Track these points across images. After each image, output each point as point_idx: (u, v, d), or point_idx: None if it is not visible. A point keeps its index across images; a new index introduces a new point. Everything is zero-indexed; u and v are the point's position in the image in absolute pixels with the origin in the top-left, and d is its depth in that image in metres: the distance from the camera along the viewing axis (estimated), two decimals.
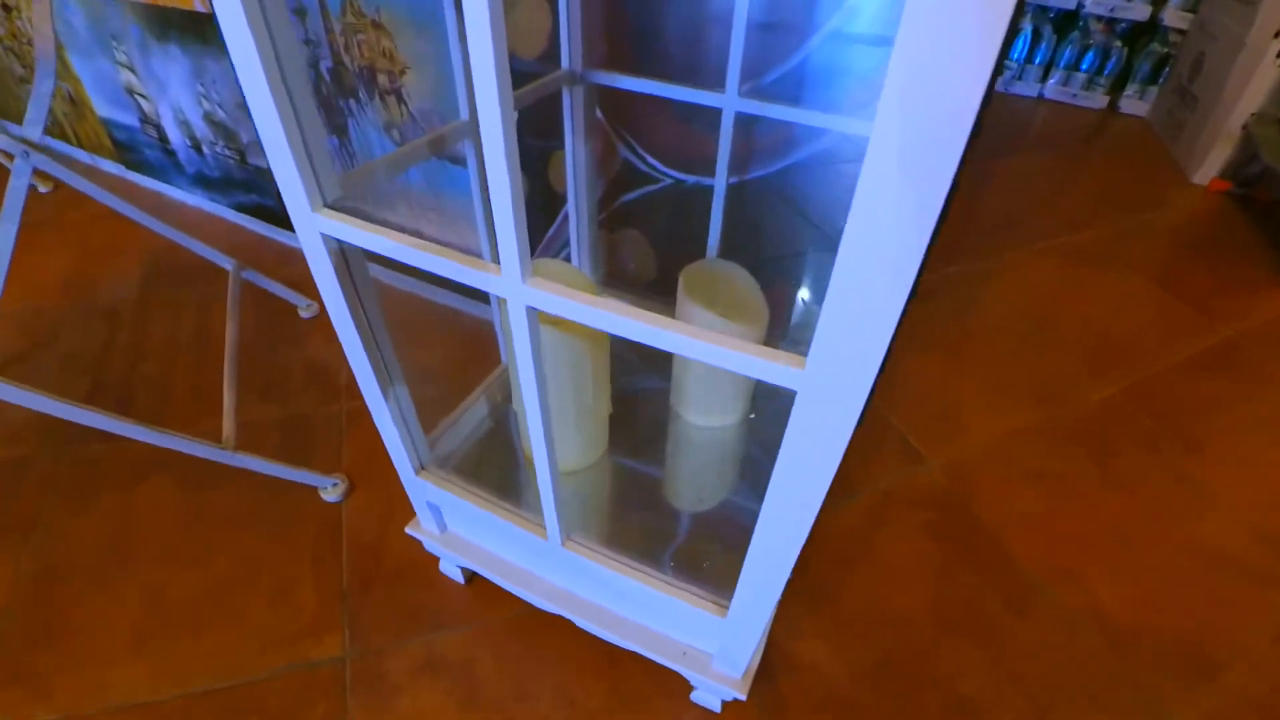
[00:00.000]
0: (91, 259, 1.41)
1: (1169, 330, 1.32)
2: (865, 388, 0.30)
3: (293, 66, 0.37)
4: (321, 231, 0.41)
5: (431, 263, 0.38)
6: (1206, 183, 1.97)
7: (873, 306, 0.27)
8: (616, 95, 0.67)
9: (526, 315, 0.37)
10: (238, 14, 0.33)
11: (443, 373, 1.05)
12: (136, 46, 1.21)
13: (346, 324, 0.48)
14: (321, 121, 0.38)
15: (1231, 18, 1.90)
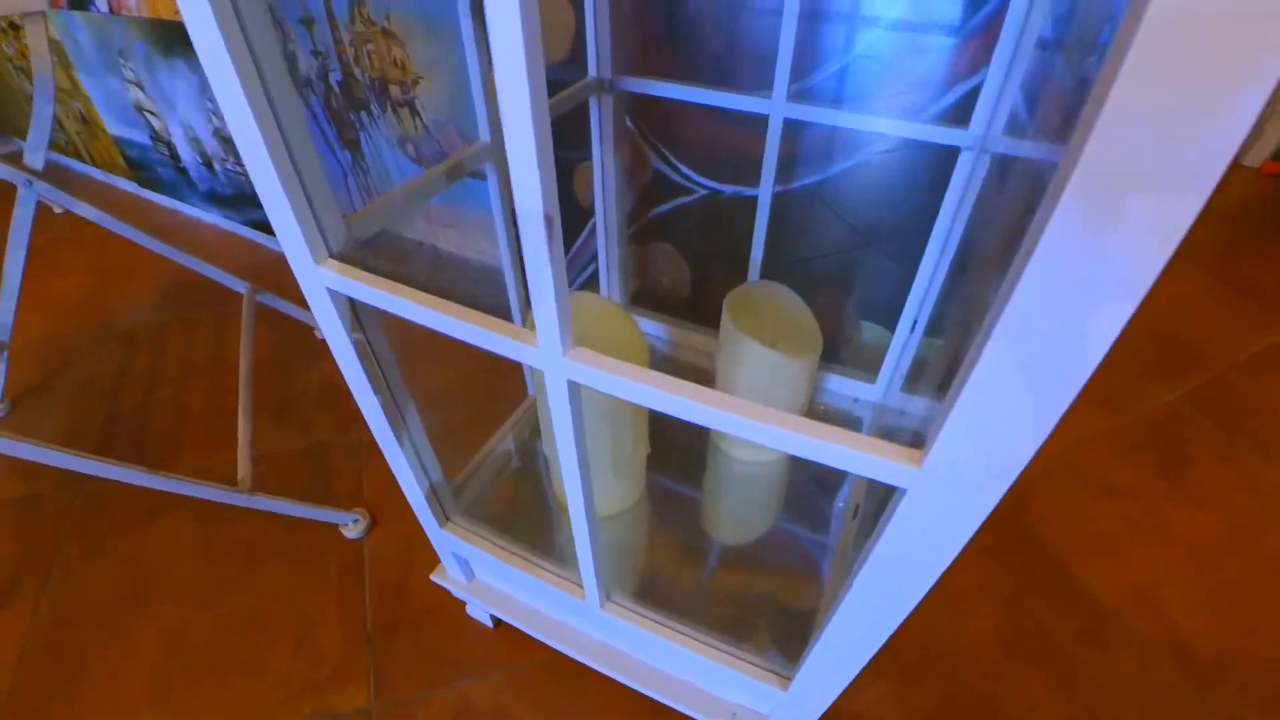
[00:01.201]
0: (107, 280, 1.39)
1: (1232, 326, 1.25)
2: (1003, 487, 0.24)
3: (288, 106, 0.32)
4: (327, 286, 0.36)
5: (456, 328, 0.32)
6: (1259, 164, 1.88)
7: (1034, 390, 0.21)
8: (648, 100, 0.61)
9: (568, 390, 0.31)
10: (223, 56, 0.28)
11: (465, 404, 1.01)
12: (143, 63, 1.17)
13: (360, 380, 0.43)
14: (320, 164, 0.33)
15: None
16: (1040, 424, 0.21)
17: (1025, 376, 0.21)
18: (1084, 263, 0.18)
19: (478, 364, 1.09)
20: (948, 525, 0.26)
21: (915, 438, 0.26)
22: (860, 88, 0.57)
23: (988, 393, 0.22)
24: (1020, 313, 0.19)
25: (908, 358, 0.65)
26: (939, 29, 0.53)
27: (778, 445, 0.27)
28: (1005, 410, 0.21)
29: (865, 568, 0.30)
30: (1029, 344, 0.20)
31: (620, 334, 0.54)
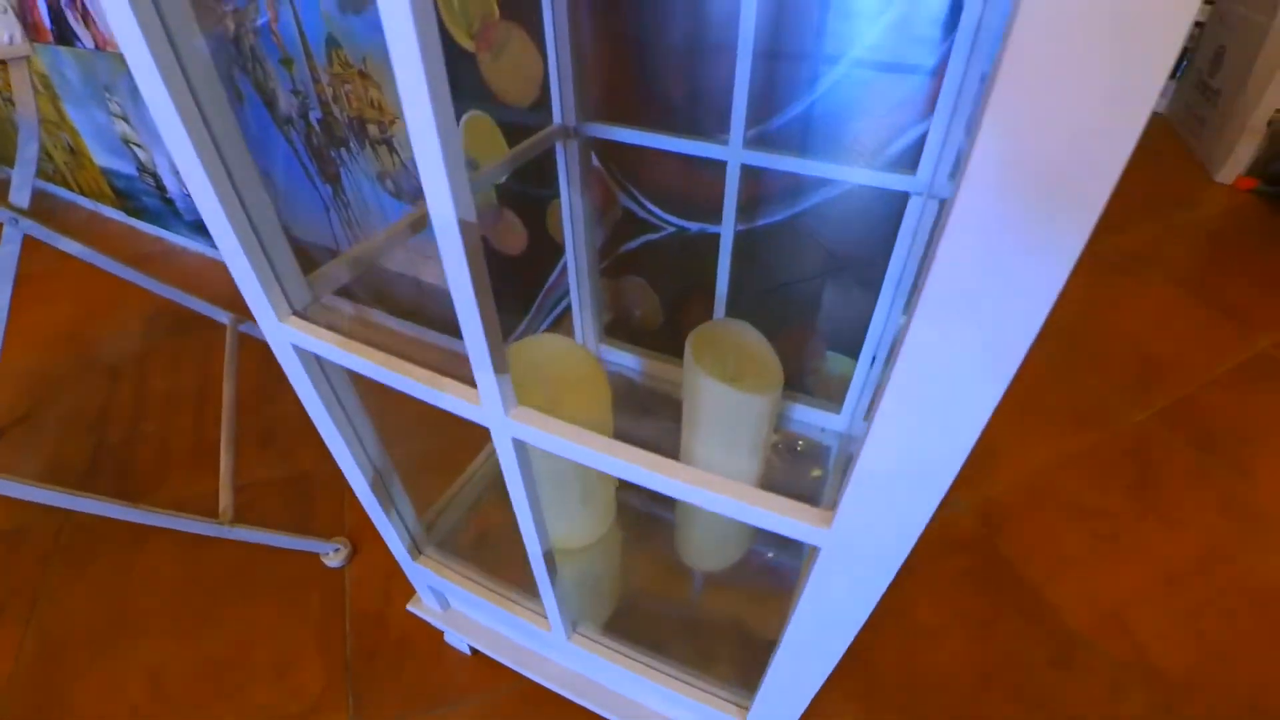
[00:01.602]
0: (93, 310, 1.40)
1: (1207, 343, 1.27)
2: (906, 548, 0.26)
3: (243, 171, 0.34)
4: (292, 344, 0.38)
5: (410, 386, 0.34)
6: (1232, 181, 1.91)
7: (922, 463, 0.23)
8: (614, 142, 0.63)
9: (513, 447, 0.33)
10: (175, 121, 0.30)
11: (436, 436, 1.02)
12: (129, 97, 1.19)
13: (328, 426, 0.44)
14: (282, 232, 0.35)
15: (1252, 9, 1.83)
16: (934, 488, 0.23)
17: (912, 447, 0.22)
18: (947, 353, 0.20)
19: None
20: (862, 576, 0.28)
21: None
22: (814, 133, 0.59)
23: (882, 460, 0.23)
24: (898, 394, 0.21)
25: (870, 388, 0.67)
26: (888, 77, 0.55)
27: (705, 504, 0.29)
28: (901, 476, 0.23)
29: (795, 613, 0.32)
30: (912, 423, 0.22)
31: (582, 375, 0.56)
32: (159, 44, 0.28)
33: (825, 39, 0.54)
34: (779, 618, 0.37)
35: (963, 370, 0.20)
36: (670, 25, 0.59)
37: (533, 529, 0.39)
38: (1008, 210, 0.16)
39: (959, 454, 0.22)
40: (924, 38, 0.52)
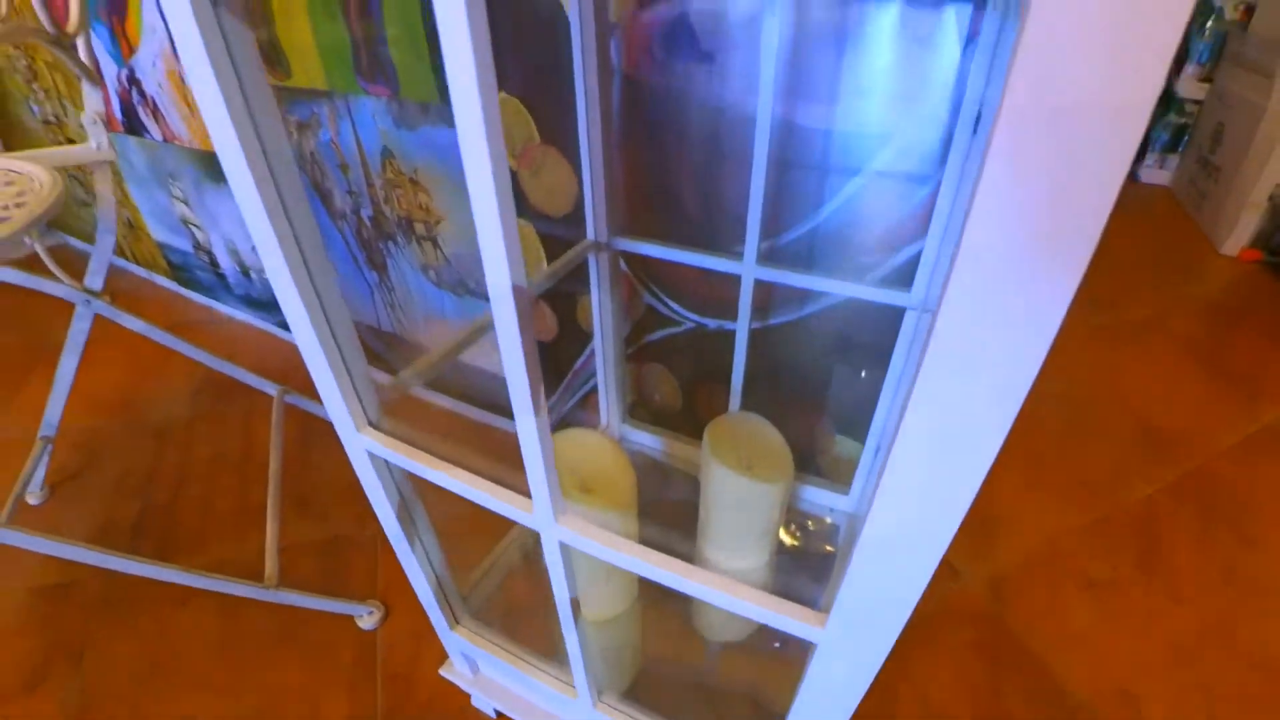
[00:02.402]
0: (143, 374, 1.48)
1: (1214, 415, 1.30)
2: (887, 646, 0.31)
3: (336, 311, 0.41)
4: (367, 450, 0.44)
5: (470, 493, 0.40)
6: (1236, 253, 1.95)
7: (899, 575, 0.28)
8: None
9: (560, 550, 0.39)
10: (285, 275, 0.37)
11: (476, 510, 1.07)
12: (192, 185, 1.29)
13: (389, 517, 0.50)
14: (362, 354, 0.41)
15: (1249, 89, 1.91)
16: (912, 588, 0.28)
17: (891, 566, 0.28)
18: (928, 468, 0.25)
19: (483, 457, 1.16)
20: (857, 661, 0.33)
21: None
22: (820, 248, 0.66)
23: (868, 577, 0.29)
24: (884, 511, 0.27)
25: (875, 473, 0.73)
26: (884, 204, 0.62)
27: (720, 604, 0.35)
28: (883, 587, 0.29)
29: (798, 696, 0.37)
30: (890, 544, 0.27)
31: (610, 465, 0.62)
32: (255, 156, 0.34)
33: (829, 174, 0.61)
34: (791, 684, 0.42)
35: (939, 486, 0.25)
36: (691, 156, 0.67)
37: (569, 611, 0.45)
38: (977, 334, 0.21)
39: (932, 563, 0.27)
40: (915, 173, 0.59)
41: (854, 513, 0.78)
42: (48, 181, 0.73)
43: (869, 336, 0.69)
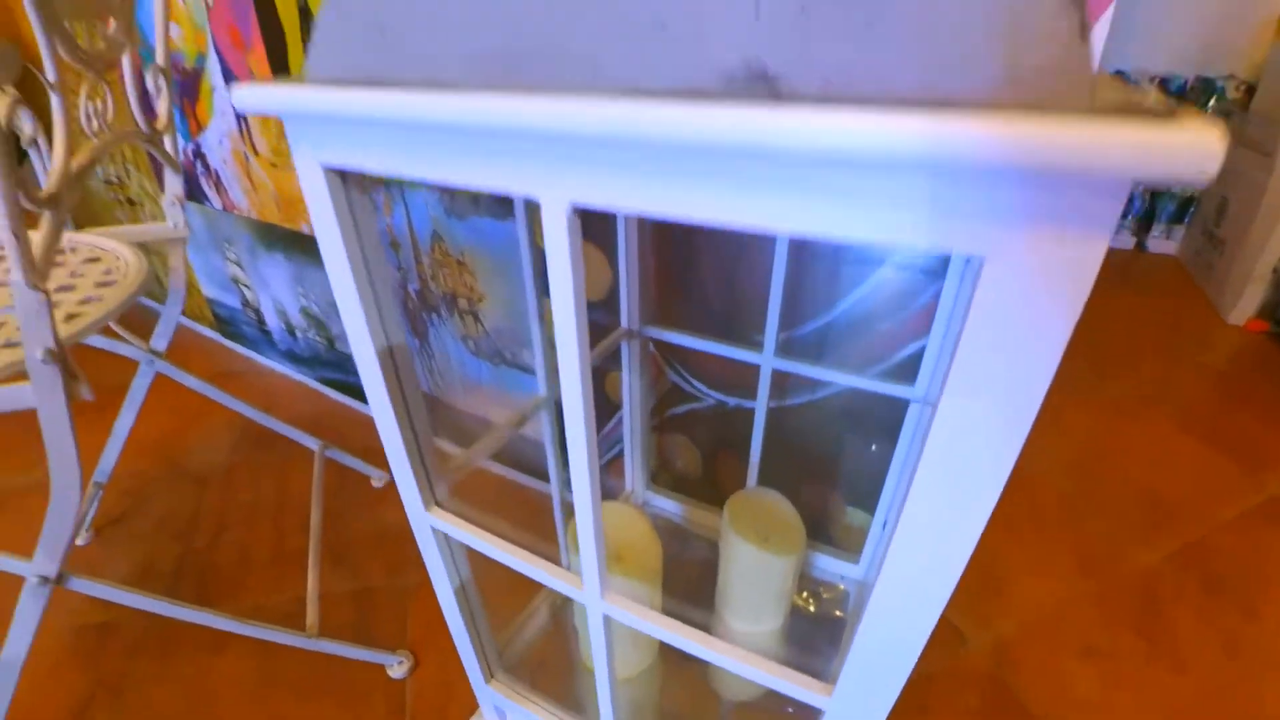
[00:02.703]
0: (186, 421, 1.56)
1: (1216, 486, 1.33)
2: (887, 708, 0.37)
3: (417, 407, 0.48)
4: (432, 526, 0.51)
5: (527, 569, 0.46)
6: (1243, 323, 1.99)
7: (899, 648, 0.33)
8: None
9: (604, 621, 0.45)
10: (379, 382, 0.44)
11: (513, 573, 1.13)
12: (246, 250, 1.39)
13: (444, 584, 0.57)
14: (433, 442, 0.48)
15: (1251, 166, 1.97)
16: (911, 653, 0.34)
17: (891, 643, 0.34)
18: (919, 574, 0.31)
19: (518, 517, 1.21)
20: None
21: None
22: (832, 341, 0.73)
23: (871, 649, 0.35)
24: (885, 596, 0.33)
25: (884, 543, 0.78)
26: (892, 304, 0.69)
27: (738, 672, 0.40)
28: (885, 650, 0.34)
29: None
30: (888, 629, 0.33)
31: (639, 538, 0.68)
32: (364, 287, 0.41)
33: (843, 274, 0.69)
34: None
35: (934, 563, 0.31)
36: (716, 255, 0.74)
37: (607, 674, 0.50)
38: (964, 446, 0.27)
39: (927, 630, 0.32)
40: (921, 277, 0.66)
41: (863, 580, 0.83)
42: (134, 263, 0.81)
43: (879, 418, 0.76)
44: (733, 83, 0.20)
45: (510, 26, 0.24)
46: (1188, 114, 0.15)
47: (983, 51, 0.17)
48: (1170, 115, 0.15)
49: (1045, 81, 0.16)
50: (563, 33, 0.23)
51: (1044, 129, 0.15)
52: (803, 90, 0.19)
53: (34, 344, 0.53)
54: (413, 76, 0.27)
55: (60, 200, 0.54)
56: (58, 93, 0.54)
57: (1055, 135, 0.15)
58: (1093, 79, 0.16)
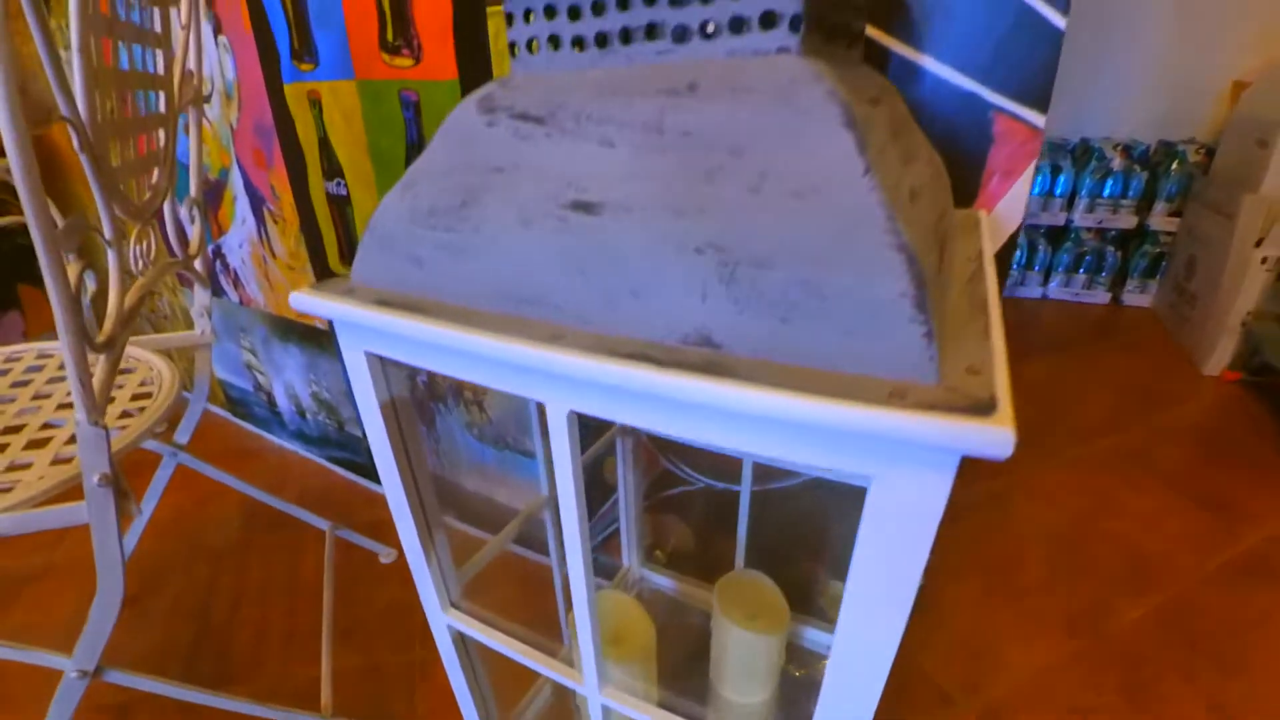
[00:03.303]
0: (198, 501, 1.60)
1: (1196, 540, 1.36)
2: None
3: (441, 537, 0.54)
4: (448, 625, 0.57)
5: (529, 662, 0.52)
6: (1218, 373, 2.05)
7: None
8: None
9: (602, 710, 0.51)
10: (409, 521, 0.50)
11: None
12: (260, 341, 1.46)
13: (457, 672, 0.62)
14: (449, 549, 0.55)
15: (1213, 226, 2.07)
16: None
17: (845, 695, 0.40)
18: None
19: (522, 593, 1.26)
20: None
21: None
22: None
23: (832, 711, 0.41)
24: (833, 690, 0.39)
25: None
26: None
27: None
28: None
29: None
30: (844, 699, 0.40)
31: (634, 622, 0.74)
32: (404, 469, 0.48)
33: None
34: None
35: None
36: None
37: None
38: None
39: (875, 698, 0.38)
40: None
41: None
42: (167, 375, 0.88)
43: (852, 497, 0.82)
44: (686, 341, 0.27)
45: (519, 279, 0.31)
46: (1002, 408, 0.22)
47: (861, 345, 0.24)
48: (990, 409, 0.22)
49: (902, 371, 0.23)
50: (560, 290, 0.30)
51: (892, 418, 0.22)
52: (736, 353, 0.26)
53: (91, 470, 0.60)
54: (442, 299, 0.35)
55: (116, 342, 0.61)
56: (114, 248, 0.62)
57: (899, 422, 0.22)
58: (938, 371, 0.23)
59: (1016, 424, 0.21)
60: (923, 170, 0.34)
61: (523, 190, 0.31)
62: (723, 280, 0.26)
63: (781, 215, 0.25)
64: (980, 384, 0.23)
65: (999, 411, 0.21)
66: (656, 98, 0.28)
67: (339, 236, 1.11)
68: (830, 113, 0.25)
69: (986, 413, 0.21)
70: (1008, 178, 0.56)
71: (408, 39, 0.83)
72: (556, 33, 0.33)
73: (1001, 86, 0.53)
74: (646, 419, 0.29)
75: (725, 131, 0.27)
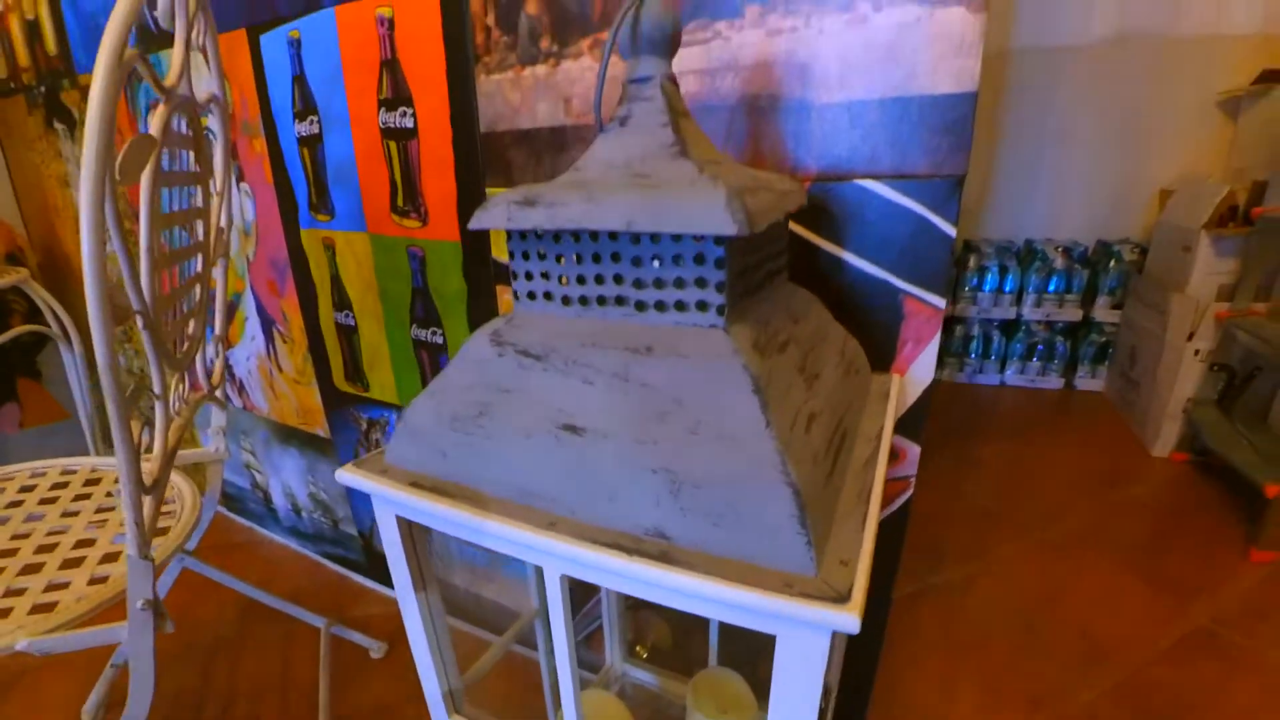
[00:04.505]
0: (194, 596, 1.64)
1: (1148, 619, 1.43)
2: None
3: (445, 638, 0.63)
4: None
5: None
6: (1167, 454, 2.17)
7: None
8: None
9: None
10: (425, 651, 0.59)
11: None
12: (261, 442, 1.55)
13: None
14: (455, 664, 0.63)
15: (1149, 321, 2.23)
16: None
17: None
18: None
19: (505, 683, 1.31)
20: None
21: None
22: None
23: None
24: None
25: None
26: None
27: None
28: None
29: None
30: None
31: (613, 716, 0.82)
32: (425, 613, 0.57)
33: None
34: None
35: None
36: None
37: None
38: None
39: None
40: None
41: None
42: (189, 495, 0.97)
43: None
44: (647, 534, 0.38)
45: (523, 476, 0.42)
46: (854, 598, 0.32)
47: (766, 546, 0.35)
48: (846, 599, 0.32)
49: (792, 566, 0.34)
50: (554, 488, 0.41)
51: (781, 603, 0.32)
52: (682, 544, 0.37)
53: (136, 597, 0.68)
54: (461, 483, 0.45)
55: (161, 483, 0.70)
56: (163, 400, 0.72)
57: (785, 607, 0.32)
58: (815, 567, 0.34)
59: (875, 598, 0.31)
60: (828, 379, 0.46)
61: (525, 410, 0.42)
62: (671, 494, 0.37)
63: (710, 452, 0.36)
64: (845, 576, 0.33)
65: (851, 601, 0.32)
66: (624, 353, 0.40)
67: (345, 359, 1.21)
68: (743, 382, 0.36)
69: (843, 602, 0.32)
70: (918, 344, 0.68)
71: (416, 206, 0.96)
72: (550, 291, 0.45)
73: (908, 276, 0.66)
74: (619, 586, 0.40)
75: (671, 386, 0.38)
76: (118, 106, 0.51)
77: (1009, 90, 2.64)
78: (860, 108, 0.62)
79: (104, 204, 0.48)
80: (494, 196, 0.43)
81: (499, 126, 0.83)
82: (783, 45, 0.62)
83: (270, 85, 1.06)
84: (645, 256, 0.40)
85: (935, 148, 0.60)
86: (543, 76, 0.76)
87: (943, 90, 0.58)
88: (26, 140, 1.78)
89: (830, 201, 0.65)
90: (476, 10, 0.79)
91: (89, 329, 0.53)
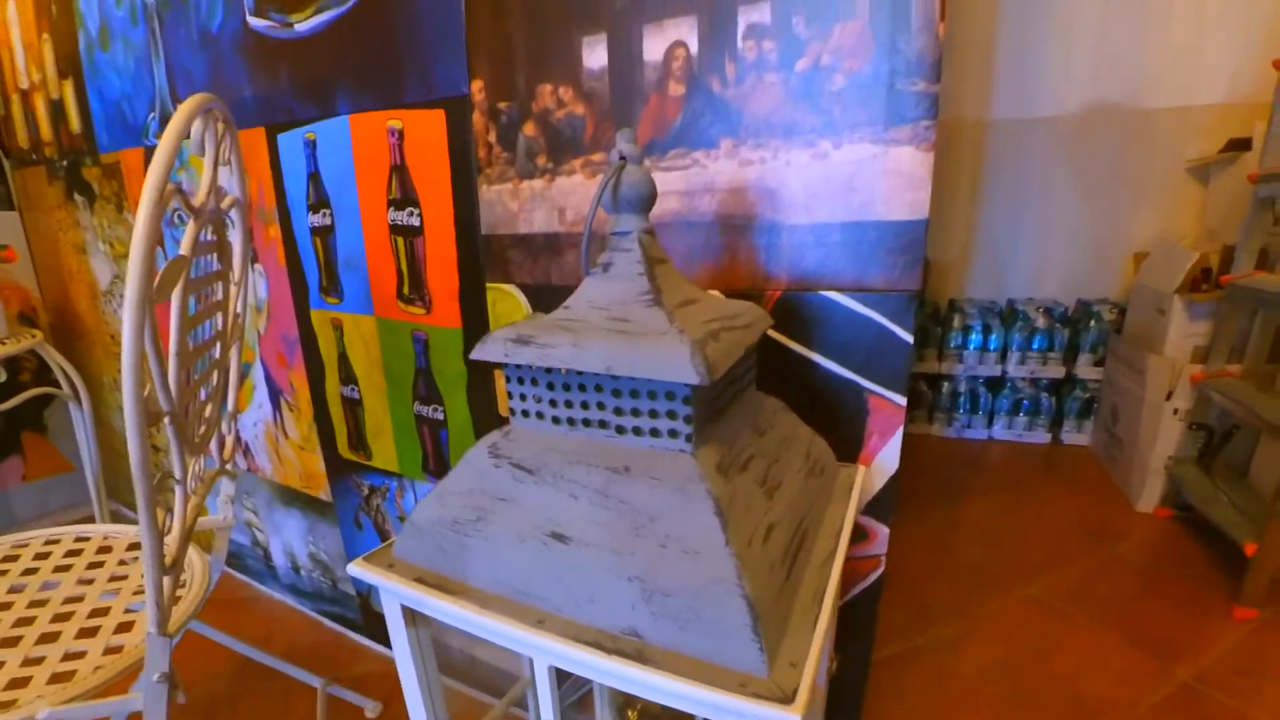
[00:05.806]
0: (192, 653, 1.66)
1: (1132, 679, 1.44)
2: None
3: (441, 711, 0.67)
4: None
5: None
6: (1151, 509, 2.21)
7: None
8: None
9: None
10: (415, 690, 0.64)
11: None
12: (264, 502, 1.60)
13: None
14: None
15: (1128, 380, 2.29)
16: None
17: None
18: None
19: None
20: None
21: None
22: None
23: None
24: None
25: None
26: None
27: None
28: None
29: None
30: None
31: None
32: (424, 686, 0.62)
33: None
34: None
35: None
36: None
37: None
38: None
39: None
40: None
41: None
42: (199, 566, 1.02)
43: None
44: (624, 633, 0.44)
45: (515, 576, 0.47)
46: (799, 699, 0.38)
47: (726, 648, 0.40)
48: (791, 700, 0.38)
49: (747, 668, 0.39)
50: (542, 588, 0.46)
51: (735, 702, 0.38)
52: (654, 643, 0.42)
53: (153, 670, 0.73)
54: (459, 579, 0.51)
55: (179, 562, 0.75)
56: (183, 484, 0.77)
57: (739, 705, 0.37)
58: (767, 669, 0.39)
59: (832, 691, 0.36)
60: (790, 487, 0.52)
61: (518, 517, 0.48)
62: (644, 600, 0.42)
63: (677, 565, 0.42)
64: (792, 678, 0.39)
65: (796, 702, 0.37)
66: (604, 472, 0.46)
67: (349, 429, 1.27)
68: (706, 505, 0.42)
69: (788, 703, 0.37)
70: (884, 436, 0.74)
71: (420, 295, 1.03)
72: (542, 411, 0.51)
73: (873, 377, 0.72)
74: (599, 679, 0.45)
75: (645, 504, 0.44)
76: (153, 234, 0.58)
77: (990, 158, 2.76)
78: (824, 229, 0.69)
79: (144, 329, 0.55)
80: (493, 333, 0.49)
81: (499, 230, 0.91)
82: (754, 174, 0.70)
83: (285, 178, 1.14)
84: (624, 390, 0.46)
85: (891, 266, 0.67)
86: (539, 190, 0.84)
87: (897, 217, 0.65)
88: (46, 208, 1.87)
89: (800, 309, 0.72)
90: (479, 129, 0.87)
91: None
